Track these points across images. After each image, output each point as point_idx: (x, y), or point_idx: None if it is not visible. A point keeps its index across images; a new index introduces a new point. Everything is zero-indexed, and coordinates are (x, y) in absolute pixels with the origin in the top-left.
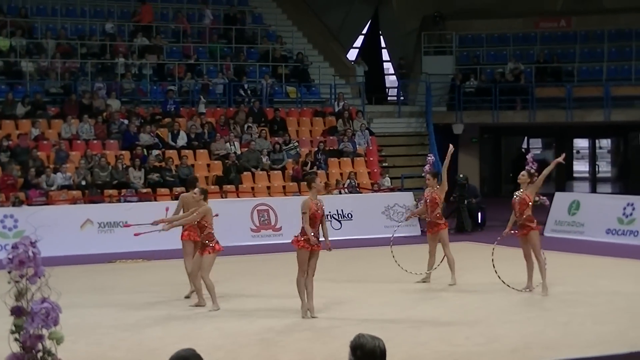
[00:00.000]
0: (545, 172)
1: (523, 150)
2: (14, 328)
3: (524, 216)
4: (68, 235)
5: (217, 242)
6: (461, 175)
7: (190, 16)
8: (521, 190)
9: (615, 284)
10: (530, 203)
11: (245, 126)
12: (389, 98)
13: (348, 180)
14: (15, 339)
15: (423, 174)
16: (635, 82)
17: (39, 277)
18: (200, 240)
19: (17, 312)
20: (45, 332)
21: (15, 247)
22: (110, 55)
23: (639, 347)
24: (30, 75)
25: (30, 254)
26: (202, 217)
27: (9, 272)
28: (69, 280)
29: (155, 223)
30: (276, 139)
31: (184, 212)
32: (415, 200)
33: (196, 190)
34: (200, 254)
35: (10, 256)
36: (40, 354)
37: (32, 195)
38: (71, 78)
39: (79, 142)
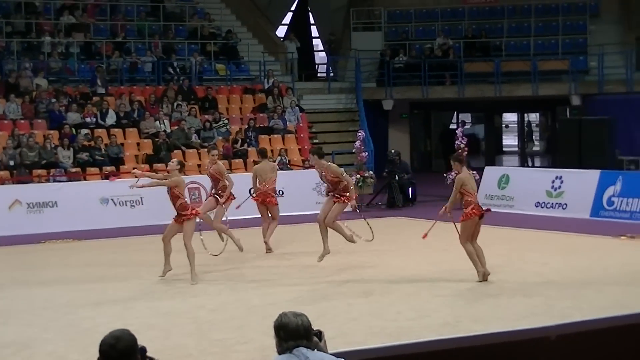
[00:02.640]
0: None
1: (451, 125)
2: None
3: None
4: None
5: (193, 208)
6: (392, 151)
7: None
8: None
9: (544, 256)
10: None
11: (175, 104)
12: (318, 75)
13: (279, 157)
14: None
15: (354, 150)
16: (562, 57)
17: None
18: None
19: None
20: None
21: None
22: (36, 33)
23: (568, 319)
24: None
25: None
26: (174, 187)
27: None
28: None
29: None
30: (206, 116)
31: (258, 182)
32: (350, 175)
33: (174, 160)
34: (179, 223)
35: None
36: None
37: None
38: None
39: (5, 122)
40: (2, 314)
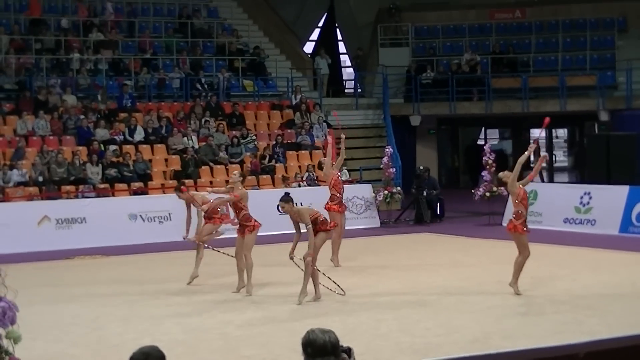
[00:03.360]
0: (521, 159)
1: (478, 141)
2: None
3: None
4: (25, 232)
5: (255, 220)
6: (421, 167)
7: (52, 8)
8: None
9: (573, 272)
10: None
11: (203, 120)
12: (346, 91)
13: (306, 173)
14: None
15: (381, 166)
16: (589, 72)
17: None
18: (239, 222)
19: None
20: (2, 331)
21: None
22: (64, 50)
23: (597, 336)
24: None
25: None
26: (239, 200)
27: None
28: (26, 278)
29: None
30: (234, 132)
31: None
32: (374, 192)
33: (235, 172)
34: (242, 236)
35: None
36: None
37: None
38: (26, 74)
39: (34, 138)
40: (30, 329)
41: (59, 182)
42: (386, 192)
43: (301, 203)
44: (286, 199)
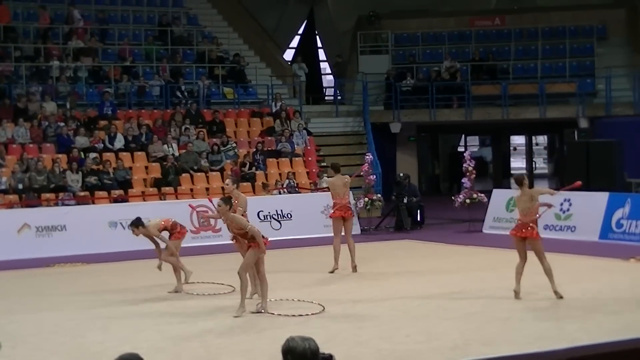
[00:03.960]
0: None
1: (459, 148)
2: None
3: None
4: (5, 239)
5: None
6: (401, 175)
7: (58, 16)
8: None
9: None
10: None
11: (183, 128)
12: (326, 98)
13: (287, 180)
14: None
15: (362, 174)
16: (569, 79)
17: None
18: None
19: None
20: None
21: None
22: (44, 58)
23: (578, 342)
24: None
25: None
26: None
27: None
28: (6, 286)
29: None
30: (214, 140)
31: (332, 197)
32: (354, 199)
33: (228, 180)
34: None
35: None
36: None
37: None
38: (5, 81)
39: (14, 146)
40: (10, 337)
41: (39, 189)
42: (366, 199)
43: (282, 210)
44: (136, 223)
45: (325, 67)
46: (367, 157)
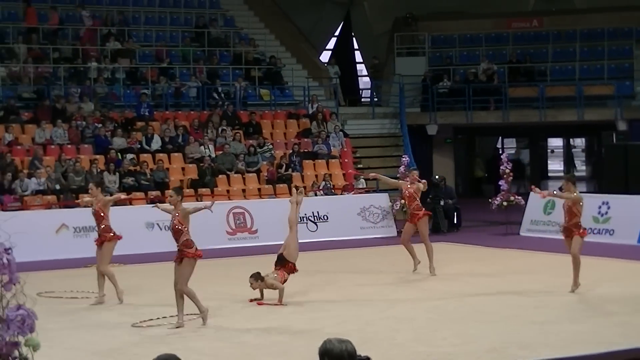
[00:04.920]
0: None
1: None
2: None
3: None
4: (43, 240)
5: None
6: (437, 177)
7: (69, 17)
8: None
9: (591, 283)
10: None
11: (220, 129)
12: (362, 99)
13: (323, 182)
14: None
15: (398, 175)
16: (607, 81)
17: (14, 284)
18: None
19: None
20: (21, 339)
21: None
22: (82, 59)
23: (616, 347)
24: (2, 80)
25: (5, 261)
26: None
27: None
28: (44, 286)
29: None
30: (250, 141)
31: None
32: (390, 201)
33: (172, 192)
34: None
35: None
36: None
37: (6, 201)
38: (44, 83)
39: (52, 147)
40: (48, 338)
41: (77, 190)
42: (402, 201)
43: (318, 212)
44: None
45: (361, 68)
46: (404, 159)
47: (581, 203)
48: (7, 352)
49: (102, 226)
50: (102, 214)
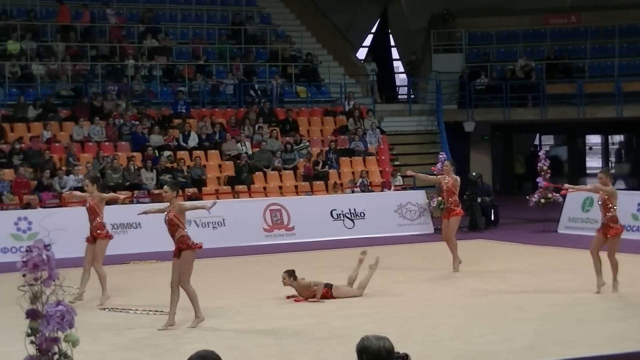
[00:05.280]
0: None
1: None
2: (29, 331)
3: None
4: (81, 237)
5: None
6: (474, 174)
7: (134, 15)
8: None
9: (630, 280)
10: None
11: (256, 126)
12: (399, 96)
13: (360, 179)
14: (31, 342)
15: (435, 172)
16: None
17: (54, 280)
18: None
19: (32, 315)
20: (60, 334)
21: (29, 250)
22: (119, 57)
23: None
24: (40, 78)
25: (44, 257)
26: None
27: (24, 276)
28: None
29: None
30: (287, 138)
31: None
32: (427, 198)
33: (166, 187)
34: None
35: (25, 259)
36: (56, 357)
37: (44, 198)
38: (82, 80)
39: (90, 144)
40: (88, 333)
41: (114, 187)
42: (440, 198)
43: (355, 209)
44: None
45: (398, 65)
46: (441, 156)
47: (616, 197)
48: (47, 347)
49: (95, 223)
50: (96, 210)
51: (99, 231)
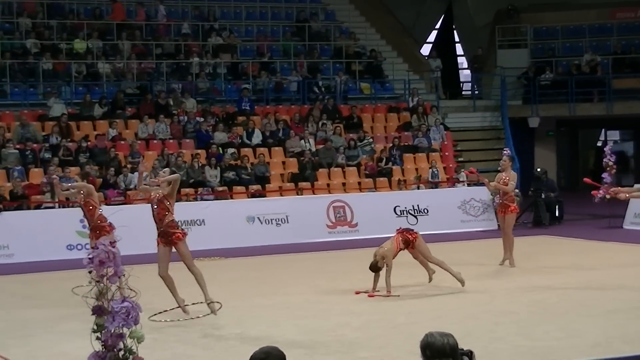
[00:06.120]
0: None
1: (600, 143)
2: (95, 327)
3: None
4: (146, 234)
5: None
6: (539, 169)
7: (200, 15)
8: None
9: None
10: None
11: (320, 123)
12: (463, 92)
13: (430, 170)
14: (97, 338)
15: (499, 168)
16: None
17: (119, 277)
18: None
19: (98, 311)
20: (126, 330)
21: (95, 247)
22: (184, 55)
23: None
24: (106, 77)
25: (110, 254)
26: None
27: (90, 272)
28: (148, 279)
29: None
30: (351, 135)
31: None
32: (491, 194)
33: (166, 170)
34: (167, 246)
35: (91, 256)
36: (121, 353)
37: (110, 195)
38: (147, 78)
39: (155, 141)
40: (153, 329)
41: (179, 185)
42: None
43: (419, 205)
44: None
45: (462, 61)
46: (505, 152)
47: None
48: (113, 343)
49: (95, 216)
50: (91, 206)
51: (100, 226)
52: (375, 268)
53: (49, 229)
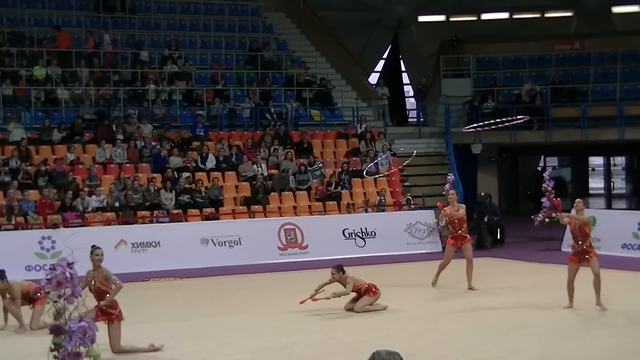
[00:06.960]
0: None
1: (539, 168)
2: (53, 346)
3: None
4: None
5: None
6: (482, 194)
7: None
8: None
9: (631, 297)
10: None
11: (272, 149)
12: (409, 120)
13: (378, 198)
14: (55, 357)
15: (444, 193)
16: None
17: (76, 297)
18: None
19: (56, 330)
20: (83, 349)
21: (53, 268)
22: (141, 82)
23: None
24: (65, 103)
25: (68, 275)
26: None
27: (48, 293)
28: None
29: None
30: (301, 160)
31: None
32: (436, 218)
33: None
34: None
35: (49, 277)
36: None
37: (68, 217)
38: (104, 105)
39: (112, 165)
40: (108, 348)
41: (135, 207)
42: (446, 219)
43: (366, 228)
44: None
45: (408, 90)
46: (449, 176)
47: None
48: None
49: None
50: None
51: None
52: (340, 269)
53: (8, 250)
